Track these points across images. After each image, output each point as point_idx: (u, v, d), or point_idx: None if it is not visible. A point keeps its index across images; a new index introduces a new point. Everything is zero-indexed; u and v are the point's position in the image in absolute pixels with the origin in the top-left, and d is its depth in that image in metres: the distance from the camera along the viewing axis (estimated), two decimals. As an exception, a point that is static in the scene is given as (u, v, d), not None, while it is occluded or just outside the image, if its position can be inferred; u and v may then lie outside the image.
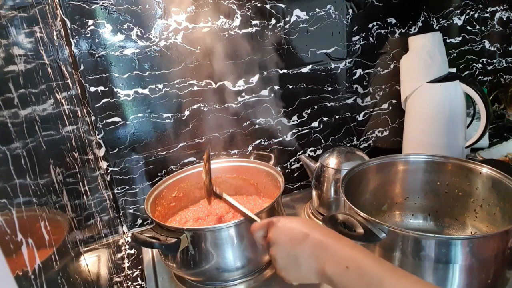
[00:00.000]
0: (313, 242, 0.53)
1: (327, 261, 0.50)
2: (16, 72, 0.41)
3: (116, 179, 0.97)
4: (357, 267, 0.48)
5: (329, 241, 0.52)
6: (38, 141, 0.43)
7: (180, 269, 0.79)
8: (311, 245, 0.53)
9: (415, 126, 1.09)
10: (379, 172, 0.88)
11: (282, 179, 0.87)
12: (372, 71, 1.14)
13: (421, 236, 0.63)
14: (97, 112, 0.90)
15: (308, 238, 0.53)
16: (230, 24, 0.94)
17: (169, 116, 0.97)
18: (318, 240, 0.53)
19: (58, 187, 0.47)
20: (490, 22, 1.26)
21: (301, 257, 0.53)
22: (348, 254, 0.50)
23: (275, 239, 0.57)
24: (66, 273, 0.43)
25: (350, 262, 0.48)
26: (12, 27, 0.44)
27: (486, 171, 0.78)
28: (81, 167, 0.65)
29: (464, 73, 1.30)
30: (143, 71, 0.91)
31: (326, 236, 0.53)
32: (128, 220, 1.03)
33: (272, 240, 0.57)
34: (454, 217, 0.86)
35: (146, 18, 0.87)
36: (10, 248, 0.29)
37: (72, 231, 0.51)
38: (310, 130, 1.13)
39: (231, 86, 0.99)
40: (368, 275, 0.47)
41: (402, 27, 1.13)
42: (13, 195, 0.32)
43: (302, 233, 0.54)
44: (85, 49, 0.85)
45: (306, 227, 0.55)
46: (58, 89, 0.60)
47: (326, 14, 1.02)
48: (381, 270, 0.47)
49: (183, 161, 1.02)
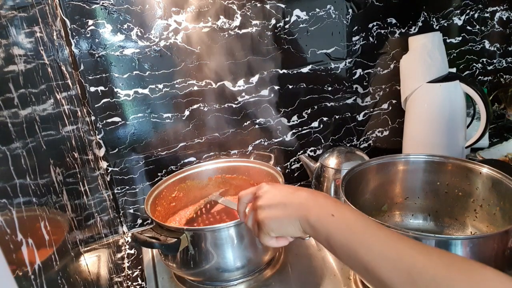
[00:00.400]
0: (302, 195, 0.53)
1: (313, 209, 0.51)
2: (16, 72, 0.41)
3: (116, 179, 0.97)
4: (342, 215, 0.48)
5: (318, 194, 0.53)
6: (38, 141, 0.43)
7: (180, 269, 0.79)
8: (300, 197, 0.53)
9: (415, 126, 1.09)
10: (379, 172, 0.88)
11: (282, 179, 0.87)
12: (372, 71, 1.14)
13: (421, 236, 0.63)
14: (97, 112, 0.90)
15: (297, 192, 0.54)
16: (230, 24, 0.94)
17: (169, 116, 0.97)
18: (307, 194, 0.53)
19: (58, 187, 0.47)
20: (490, 22, 1.26)
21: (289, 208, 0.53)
22: (335, 205, 0.50)
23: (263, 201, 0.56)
24: (66, 273, 0.43)
25: (336, 212, 0.49)
26: (12, 27, 0.44)
27: (486, 171, 0.78)
28: (81, 167, 0.65)
29: (464, 73, 1.30)
30: (143, 71, 0.91)
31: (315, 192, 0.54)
32: (128, 220, 1.03)
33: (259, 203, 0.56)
34: (454, 217, 0.85)
35: (146, 18, 0.87)
36: (10, 248, 0.29)
37: (72, 231, 0.51)
38: (310, 130, 1.13)
39: (231, 86, 0.99)
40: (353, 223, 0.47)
41: (402, 27, 1.13)
42: (13, 195, 0.32)
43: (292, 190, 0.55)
44: (85, 49, 0.85)
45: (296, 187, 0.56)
46: (58, 89, 0.60)
47: (326, 14, 1.02)
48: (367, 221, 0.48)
49: (183, 161, 1.02)
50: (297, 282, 0.82)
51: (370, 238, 0.45)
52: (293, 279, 0.83)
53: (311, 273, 0.83)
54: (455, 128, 1.04)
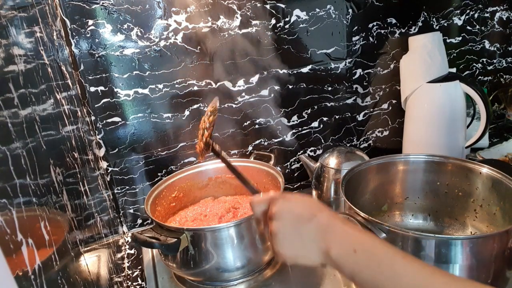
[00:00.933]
0: (320, 223, 0.52)
1: (334, 243, 0.49)
2: (16, 72, 0.41)
3: (116, 179, 0.97)
4: (365, 250, 0.47)
5: (336, 224, 0.51)
6: (38, 141, 0.43)
7: (180, 269, 0.79)
8: (318, 225, 0.52)
9: (415, 126, 1.09)
10: (379, 172, 0.88)
11: (282, 179, 0.87)
12: (372, 71, 1.14)
13: (421, 236, 0.63)
14: (97, 112, 0.90)
15: (315, 218, 0.52)
16: (230, 24, 0.94)
17: (169, 116, 0.97)
18: (325, 221, 0.52)
19: (58, 187, 0.47)
20: (490, 22, 1.26)
21: (305, 235, 0.52)
22: (357, 237, 0.49)
23: (280, 214, 0.54)
24: (66, 273, 0.43)
25: (358, 245, 0.48)
26: (12, 27, 0.43)
27: (486, 171, 0.78)
28: (81, 167, 0.65)
29: (464, 73, 1.30)
30: (143, 71, 0.91)
31: (334, 219, 0.52)
32: (128, 220, 1.03)
33: (276, 215, 0.55)
34: (454, 217, 0.85)
35: (146, 18, 0.87)
36: (10, 248, 0.29)
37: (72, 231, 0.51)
38: (310, 130, 1.13)
39: (231, 86, 0.99)
40: (378, 258, 0.46)
41: (402, 27, 1.13)
42: (13, 195, 0.32)
43: (309, 213, 0.53)
44: (85, 49, 0.85)
45: (314, 207, 0.54)
46: (58, 89, 0.60)
47: (326, 14, 1.02)
48: (390, 253, 0.46)
49: (183, 161, 1.02)
50: (297, 282, 0.82)
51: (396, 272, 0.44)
52: (293, 279, 0.83)
53: (311, 273, 0.83)
54: (455, 128, 1.04)
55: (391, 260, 0.45)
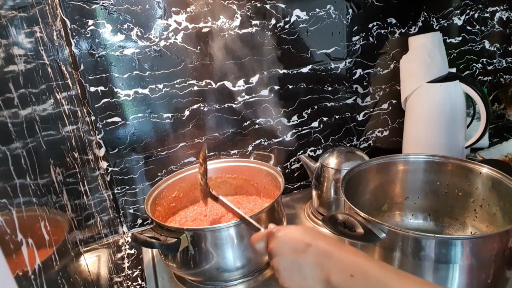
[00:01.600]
0: (316, 252, 0.52)
1: (332, 270, 0.50)
2: (16, 72, 0.41)
3: (116, 179, 0.97)
4: (362, 274, 0.48)
5: (332, 250, 0.52)
6: (38, 141, 0.43)
7: (180, 269, 0.79)
8: (314, 255, 0.52)
9: (415, 126, 1.09)
10: (379, 172, 0.88)
11: (282, 179, 0.87)
12: (372, 71, 1.14)
13: (421, 236, 0.63)
14: (97, 112, 0.90)
15: (310, 248, 0.53)
16: (230, 24, 0.94)
17: (169, 116, 0.97)
18: (320, 249, 0.52)
19: (58, 187, 0.47)
20: (490, 22, 1.26)
21: (304, 266, 0.53)
22: (352, 261, 0.50)
23: (277, 250, 0.56)
24: (66, 273, 0.43)
25: (355, 270, 0.49)
26: (12, 27, 0.44)
27: (486, 171, 0.78)
28: (81, 167, 0.65)
29: (464, 73, 1.30)
30: (143, 71, 0.91)
31: (328, 245, 0.53)
32: (128, 220, 1.03)
33: (274, 251, 0.56)
34: (454, 217, 0.85)
35: (146, 18, 0.87)
36: (10, 248, 0.29)
37: (72, 231, 0.51)
38: (310, 130, 1.13)
39: (231, 86, 0.99)
40: (374, 281, 0.47)
41: (402, 27, 1.13)
42: (13, 195, 0.32)
43: (304, 243, 0.54)
44: (85, 49, 0.85)
45: (307, 236, 0.55)
46: (58, 89, 0.60)
47: (326, 14, 1.02)
48: (386, 275, 0.47)
49: (183, 161, 1.02)
50: (297, 282, 0.82)
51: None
52: (293, 279, 0.83)
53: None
54: (455, 128, 1.04)
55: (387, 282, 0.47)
